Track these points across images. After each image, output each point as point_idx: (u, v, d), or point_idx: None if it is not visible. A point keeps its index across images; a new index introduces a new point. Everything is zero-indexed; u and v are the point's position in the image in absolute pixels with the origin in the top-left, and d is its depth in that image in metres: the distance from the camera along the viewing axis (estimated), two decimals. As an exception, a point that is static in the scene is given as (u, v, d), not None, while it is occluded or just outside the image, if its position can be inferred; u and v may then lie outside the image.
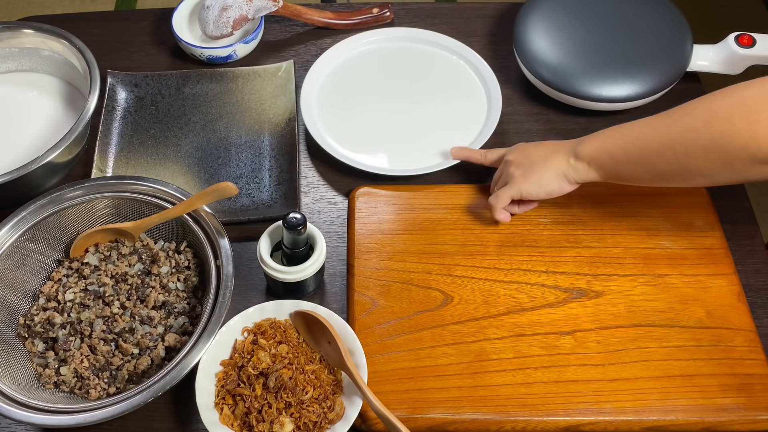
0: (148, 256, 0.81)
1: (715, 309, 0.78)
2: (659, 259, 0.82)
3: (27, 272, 0.79)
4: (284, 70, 0.99)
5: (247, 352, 0.72)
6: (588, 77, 0.93)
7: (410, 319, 0.78)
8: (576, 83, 0.93)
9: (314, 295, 0.83)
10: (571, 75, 0.94)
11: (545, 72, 0.95)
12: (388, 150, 0.93)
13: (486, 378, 0.74)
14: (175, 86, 0.99)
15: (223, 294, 0.73)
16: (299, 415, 0.68)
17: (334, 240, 0.87)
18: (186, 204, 0.78)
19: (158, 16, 1.10)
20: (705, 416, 0.72)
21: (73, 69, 0.95)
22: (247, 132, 0.96)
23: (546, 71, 0.95)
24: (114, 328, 0.75)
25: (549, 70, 0.95)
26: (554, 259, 0.82)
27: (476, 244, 0.83)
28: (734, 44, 0.94)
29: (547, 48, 0.96)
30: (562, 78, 0.94)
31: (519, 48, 0.98)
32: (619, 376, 0.74)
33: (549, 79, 0.95)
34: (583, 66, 0.94)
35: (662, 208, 0.86)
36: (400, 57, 1.03)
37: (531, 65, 0.96)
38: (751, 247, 0.86)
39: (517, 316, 0.78)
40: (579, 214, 0.86)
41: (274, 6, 1.02)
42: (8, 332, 0.76)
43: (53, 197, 0.79)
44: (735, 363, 0.75)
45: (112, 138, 0.94)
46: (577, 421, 0.72)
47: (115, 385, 0.73)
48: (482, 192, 0.88)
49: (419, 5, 1.12)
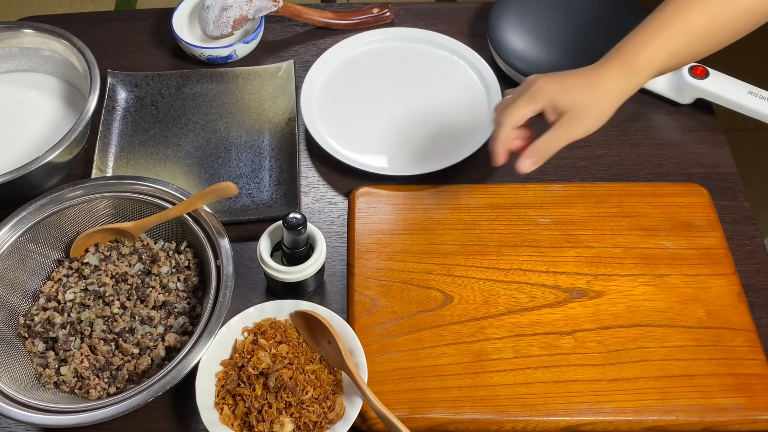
0: (148, 256, 0.81)
1: (716, 309, 0.78)
2: (659, 259, 0.82)
3: (27, 272, 0.79)
4: (284, 70, 0.99)
5: (247, 352, 0.72)
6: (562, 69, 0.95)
7: (410, 319, 0.78)
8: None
9: (314, 295, 0.83)
10: (545, 66, 0.96)
11: (519, 64, 0.98)
12: (388, 150, 0.93)
13: (486, 378, 0.74)
14: (175, 86, 0.99)
15: (223, 294, 0.73)
16: (299, 415, 0.68)
17: (334, 240, 0.87)
18: (186, 204, 0.78)
19: (158, 16, 1.10)
20: (705, 416, 0.72)
21: (73, 69, 0.95)
22: (247, 132, 0.96)
23: (518, 62, 0.98)
24: (114, 328, 0.75)
25: (521, 60, 0.98)
26: (554, 259, 0.82)
27: (476, 244, 0.83)
28: (687, 73, 0.93)
29: (522, 41, 1.00)
30: (534, 69, 0.96)
31: (495, 43, 1.01)
32: (619, 376, 0.74)
33: (523, 70, 0.97)
34: (554, 56, 0.98)
35: (662, 208, 0.86)
36: (400, 57, 1.03)
37: (506, 58, 0.99)
38: (751, 247, 0.86)
39: (517, 316, 0.78)
40: (579, 214, 0.86)
41: (274, 6, 1.02)
42: (8, 332, 0.76)
43: (53, 197, 0.79)
44: (735, 363, 0.75)
45: (112, 138, 0.94)
46: (577, 421, 0.72)
47: (115, 385, 0.73)
48: (483, 192, 0.88)
49: (419, 5, 1.12)
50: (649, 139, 0.96)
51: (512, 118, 0.67)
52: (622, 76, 0.66)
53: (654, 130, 0.97)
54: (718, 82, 0.93)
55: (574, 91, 0.66)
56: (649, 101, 0.98)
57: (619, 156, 0.94)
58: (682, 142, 0.96)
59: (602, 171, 0.93)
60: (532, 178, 0.92)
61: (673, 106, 0.98)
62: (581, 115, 0.66)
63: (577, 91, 0.66)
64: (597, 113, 0.67)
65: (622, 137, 0.96)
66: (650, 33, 0.67)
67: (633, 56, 0.66)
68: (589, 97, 0.66)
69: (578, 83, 0.66)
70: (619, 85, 0.66)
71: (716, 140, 0.96)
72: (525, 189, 0.88)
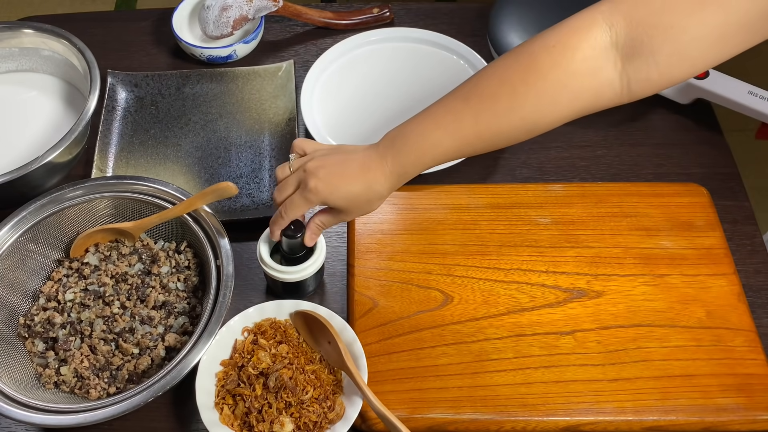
0: (148, 256, 0.81)
1: (716, 309, 0.78)
2: (659, 259, 0.82)
3: (27, 272, 0.79)
4: (284, 70, 0.99)
5: (247, 352, 0.72)
6: None
7: (410, 319, 0.78)
8: None
9: (314, 295, 0.83)
10: None
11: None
12: (388, 150, 0.93)
13: (486, 378, 0.74)
14: (175, 86, 0.99)
15: (223, 294, 0.73)
16: (299, 415, 0.68)
17: (334, 240, 0.87)
18: (186, 204, 0.78)
19: (158, 16, 1.10)
20: (705, 416, 0.72)
21: (73, 69, 0.95)
22: (247, 132, 0.96)
23: None
24: (114, 328, 0.75)
25: None
26: (554, 259, 0.82)
27: (476, 244, 0.83)
28: None
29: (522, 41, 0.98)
30: None
31: (495, 43, 1.00)
32: (619, 376, 0.74)
33: None
34: None
35: (662, 208, 0.86)
36: (400, 57, 1.03)
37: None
38: (751, 247, 0.86)
39: (517, 316, 0.78)
40: (579, 214, 0.86)
41: (274, 6, 1.02)
42: (8, 332, 0.76)
43: (53, 197, 0.79)
44: (735, 363, 0.75)
45: (112, 138, 0.94)
46: (577, 421, 0.72)
47: (115, 385, 0.73)
48: (483, 192, 0.88)
49: (419, 5, 1.12)
50: (648, 139, 0.96)
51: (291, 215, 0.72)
52: (393, 176, 0.70)
53: (654, 130, 0.97)
54: (718, 82, 0.93)
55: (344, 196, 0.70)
56: (649, 101, 0.97)
57: (619, 156, 0.94)
58: (682, 142, 0.96)
59: (602, 171, 0.93)
60: (532, 178, 0.92)
61: (673, 106, 0.98)
62: (351, 210, 0.72)
63: (347, 196, 0.70)
64: (366, 208, 0.72)
65: (622, 137, 0.96)
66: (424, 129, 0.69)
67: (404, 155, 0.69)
68: (359, 199, 0.70)
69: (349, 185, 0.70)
70: (389, 185, 0.70)
71: (716, 140, 0.96)
72: (525, 189, 0.88)
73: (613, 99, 0.66)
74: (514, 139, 0.69)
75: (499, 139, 0.69)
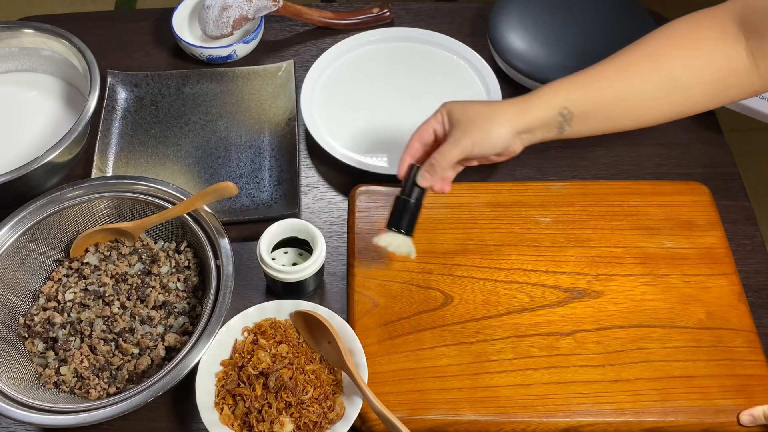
0: (148, 256, 0.81)
1: (716, 309, 0.78)
2: (660, 259, 0.82)
3: (27, 272, 0.79)
4: (284, 70, 0.99)
5: (247, 352, 0.72)
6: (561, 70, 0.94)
7: (410, 319, 0.78)
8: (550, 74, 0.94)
9: (314, 295, 0.83)
10: (544, 66, 0.97)
11: (519, 64, 0.98)
12: (388, 150, 0.93)
13: (486, 379, 0.74)
14: (175, 86, 0.99)
15: (223, 294, 0.73)
16: (299, 415, 0.68)
17: (334, 240, 0.87)
18: (186, 204, 0.78)
19: (158, 16, 1.10)
20: (704, 417, 0.72)
21: (73, 69, 0.95)
22: (247, 132, 0.96)
23: (518, 62, 0.98)
24: (114, 328, 0.75)
25: (521, 60, 0.98)
26: (555, 258, 0.82)
27: (476, 243, 0.83)
28: None
29: (522, 41, 1.00)
30: (534, 69, 0.97)
31: (495, 43, 1.01)
32: (619, 377, 0.74)
33: (523, 70, 0.98)
34: (553, 57, 0.99)
35: (662, 207, 0.86)
36: (400, 57, 1.03)
37: (506, 58, 0.99)
38: (751, 247, 0.86)
39: (518, 316, 0.78)
40: (580, 212, 0.85)
41: (274, 6, 1.02)
42: (8, 332, 0.76)
43: (53, 197, 0.79)
44: (735, 364, 0.75)
45: (112, 138, 0.94)
46: (577, 422, 0.72)
47: (115, 385, 0.73)
48: (483, 191, 0.88)
49: (419, 5, 1.12)
50: (649, 139, 0.96)
51: (418, 131, 0.72)
52: (517, 105, 0.70)
53: (654, 129, 0.96)
54: None
55: (469, 106, 0.70)
56: (649, 101, 0.98)
57: (619, 155, 0.94)
58: (682, 141, 0.96)
59: (602, 171, 0.93)
60: (533, 177, 0.92)
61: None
62: (470, 125, 0.70)
63: (472, 106, 0.70)
64: (485, 128, 0.70)
65: (623, 137, 0.96)
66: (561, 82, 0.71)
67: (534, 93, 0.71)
68: (480, 110, 0.70)
69: (478, 104, 0.71)
70: (512, 111, 0.70)
71: (716, 140, 0.96)
72: (526, 188, 0.88)
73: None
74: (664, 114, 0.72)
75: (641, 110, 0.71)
